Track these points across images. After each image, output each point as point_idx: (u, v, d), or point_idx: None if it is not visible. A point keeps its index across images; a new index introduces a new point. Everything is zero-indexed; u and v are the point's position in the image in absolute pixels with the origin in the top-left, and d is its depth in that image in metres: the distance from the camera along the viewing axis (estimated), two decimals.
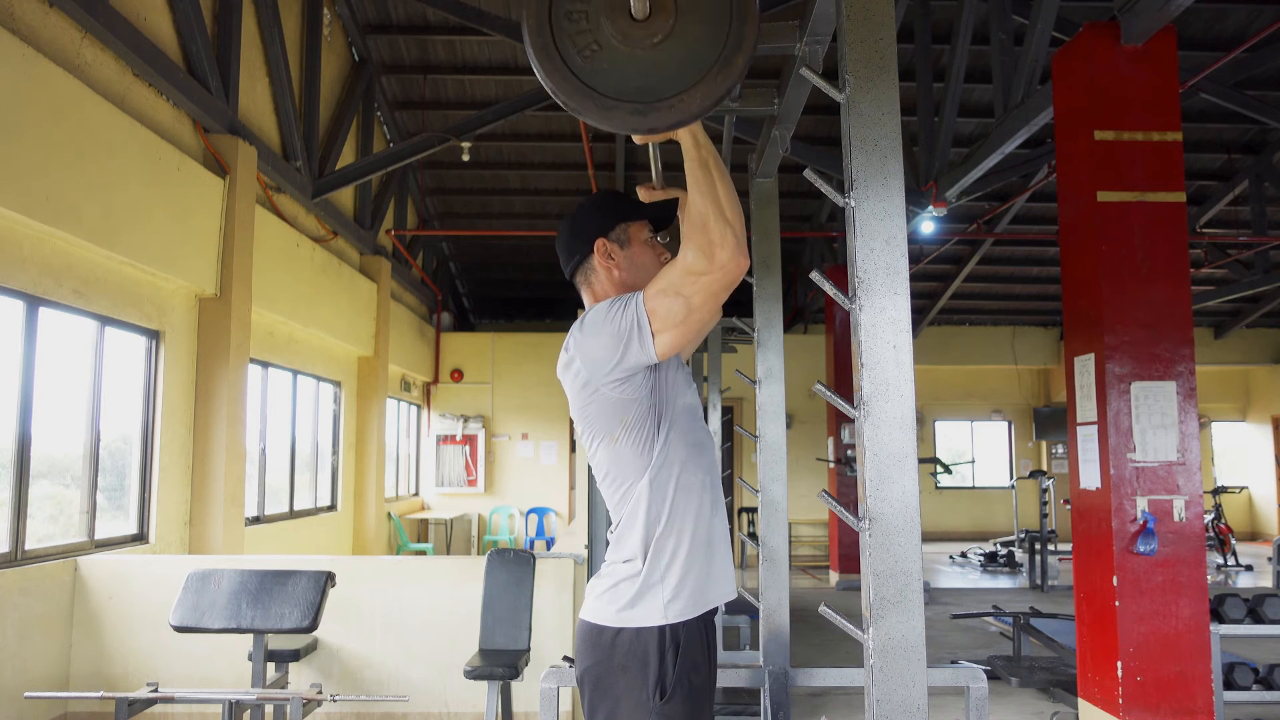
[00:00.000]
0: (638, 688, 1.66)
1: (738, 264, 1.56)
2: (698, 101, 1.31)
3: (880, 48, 1.47)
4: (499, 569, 4.15)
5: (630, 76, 1.31)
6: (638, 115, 1.30)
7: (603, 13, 1.31)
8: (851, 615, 1.48)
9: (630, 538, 1.73)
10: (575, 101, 1.30)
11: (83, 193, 4.49)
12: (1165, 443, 4.18)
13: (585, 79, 1.30)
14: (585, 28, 1.31)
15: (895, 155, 1.45)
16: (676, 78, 1.31)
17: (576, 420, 1.81)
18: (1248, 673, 4.53)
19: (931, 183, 7.12)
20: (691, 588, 1.71)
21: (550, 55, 1.30)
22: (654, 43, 1.31)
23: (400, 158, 8.02)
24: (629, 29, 1.30)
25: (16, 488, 4.29)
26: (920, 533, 1.41)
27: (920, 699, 1.37)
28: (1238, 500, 14.63)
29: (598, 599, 1.75)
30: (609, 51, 1.31)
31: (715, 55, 1.31)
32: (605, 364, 1.68)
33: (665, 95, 1.31)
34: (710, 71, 1.31)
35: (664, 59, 1.31)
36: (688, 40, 1.31)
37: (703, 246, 1.54)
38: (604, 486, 1.83)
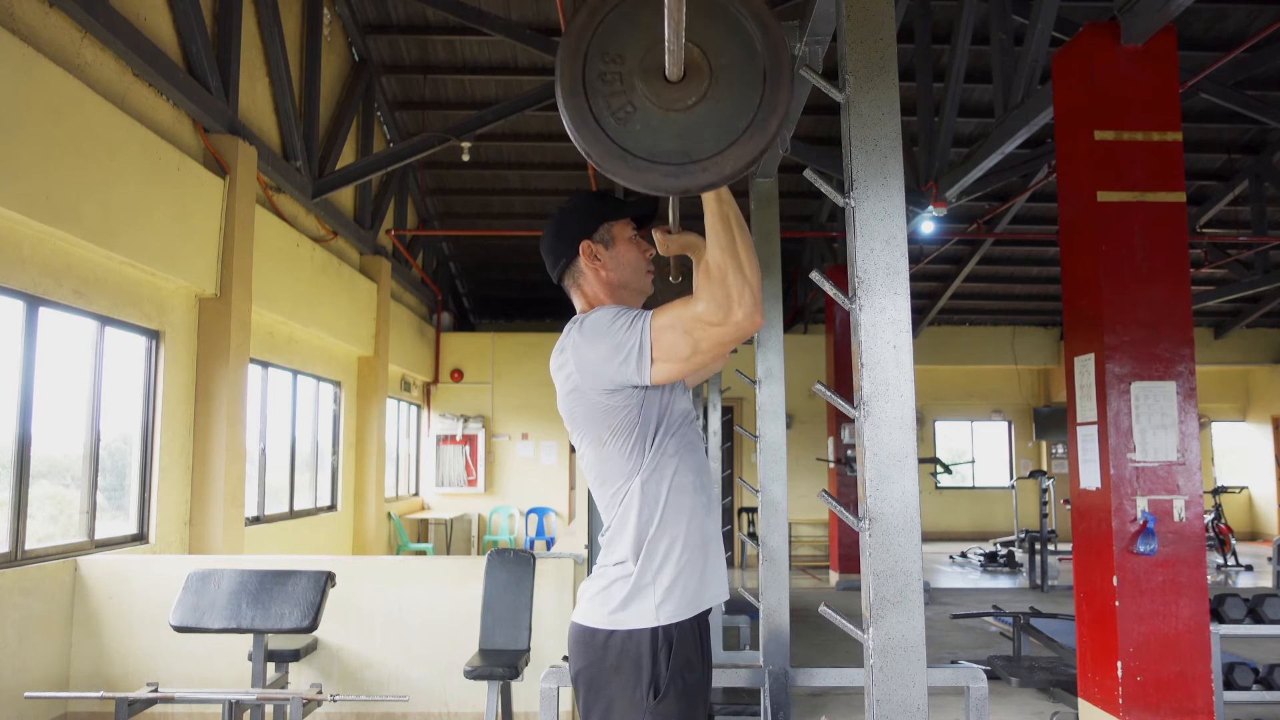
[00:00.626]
0: (631, 688, 1.66)
1: (753, 322, 1.55)
2: (731, 164, 1.31)
3: (880, 48, 1.47)
4: (499, 569, 4.15)
5: (664, 138, 1.31)
6: (671, 177, 1.30)
7: (637, 75, 1.31)
8: (851, 615, 1.48)
9: (622, 540, 1.73)
10: (609, 163, 1.30)
11: (82, 192, 4.49)
12: (1165, 443, 4.18)
13: (619, 140, 1.30)
14: (619, 89, 1.31)
15: (895, 155, 1.45)
16: (710, 140, 1.31)
17: (564, 419, 1.82)
18: (1248, 673, 4.53)
19: (931, 183, 7.12)
20: (683, 589, 1.71)
21: (584, 117, 1.30)
22: (688, 105, 1.31)
23: (400, 158, 8.02)
24: (663, 91, 1.30)
25: (16, 488, 4.29)
26: (920, 533, 1.41)
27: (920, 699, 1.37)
28: (1238, 500, 14.63)
29: (590, 601, 1.75)
30: (643, 113, 1.31)
31: (750, 118, 1.31)
32: (598, 374, 1.68)
33: (699, 157, 1.31)
34: (744, 134, 1.31)
35: (698, 121, 1.31)
36: (722, 103, 1.31)
37: (720, 301, 1.53)
38: (595, 488, 1.83)
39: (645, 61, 1.32)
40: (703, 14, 1.33)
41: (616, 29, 1.33)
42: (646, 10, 1.34)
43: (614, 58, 1.32)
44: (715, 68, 1.32)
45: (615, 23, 1.33)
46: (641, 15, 1.34)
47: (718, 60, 1.32)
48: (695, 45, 1.33)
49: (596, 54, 1.32)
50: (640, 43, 1.33)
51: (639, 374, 1.64)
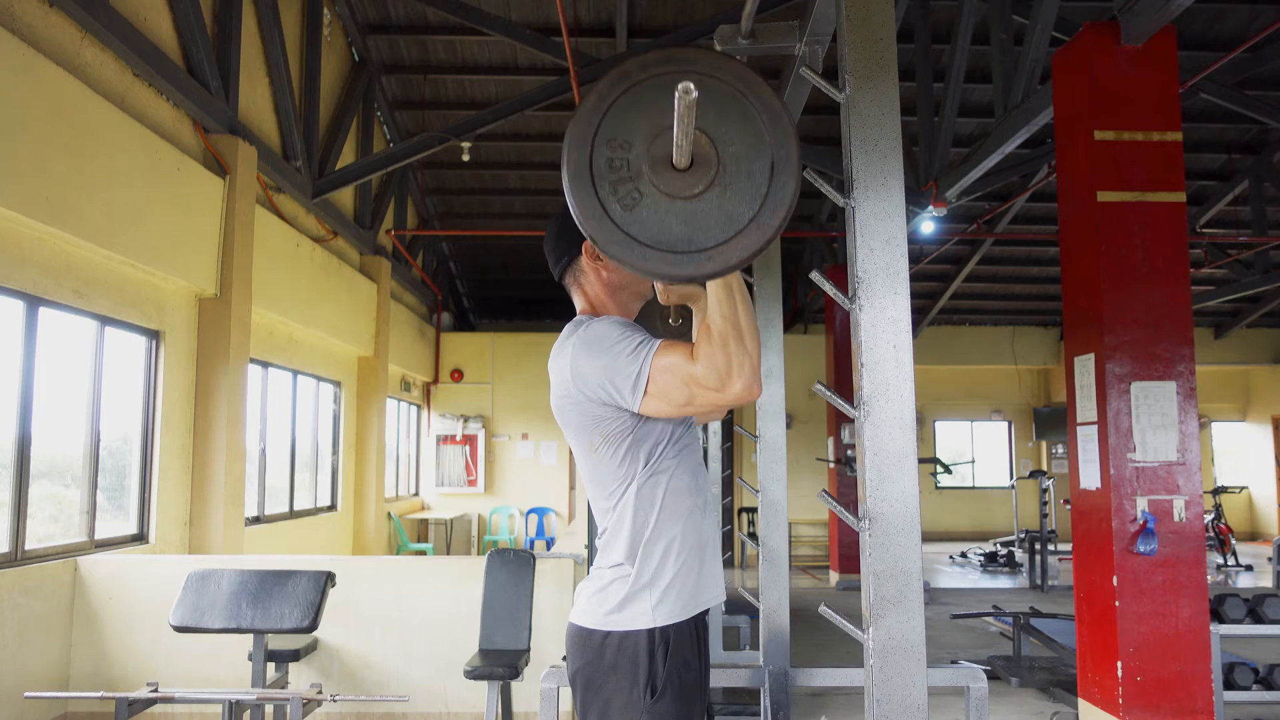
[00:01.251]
0: (628, 688, 1.67)
1: (750, 394, 1.56)
2: (737, 254, 1.30)
3: (880, 48, 1.47)
4: (499, 569, 4.15)
5: (670, 225, 1.30)
6: (676, 265, 1.29)
7: (644, 162, 1.30)
8: (851, 615, 1.47)
9: (619, 542, 1.74)
10: (614, 248, 1.29)
11: (83, 193, 4.49)
12: (1165, 443, 4.18)
13: (624, 227, 1.29)
14: (626, 176, 1.30)
15: (895, 155, 1.45)
16: (717, 229, 1.30)
17: (556, 418, 1.82)
18: (1248, 673, 4.53)
19: (931, 183, 7.12)
20: (680, 591, 1.71)
21: (590, 204, 1.29)
22: (695, 193, 1.30)
23: (400, 158, 8.02)
24: (670, 179, 1.29)
25: (16, 488, 4.29)
26: (920, 533, 1.41)
27: (920, 699, 1.37)
28: (1238, 500, 14.63)
29: (587, 601, 1.76)
30: (649, 200, 1.30)
31: (756, 209, 1.30)
32: (591, 387, 1.68)
33: (705, 246, 1.30)
34: (750, 225, 1.30)
35: (704, 209, 1.30)
36: (729, 192, 1.30)
37: (719, 369, 1.53)
38: (590, 491, 1.83)
39: (653, 148, 1.31)
40: (713, 102, 1.31)
41: (625, 115, 1.32)
42: (655, 95, 1.32)
43: (621, 144, 1.31)
44: (723, 156, 1.30)
45: (624, 108, 1.32)
46: (650, 100, 1.32)
47: (726, 149, 1.30)
48: (704, 133, 1.31)
49: (604, 140, 1.31)
50: (649, 129, 1.31)
51: (630, 401, 1.64)
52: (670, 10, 8.19)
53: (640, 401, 1.63)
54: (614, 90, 1.32)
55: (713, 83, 1.31)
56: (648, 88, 1.32)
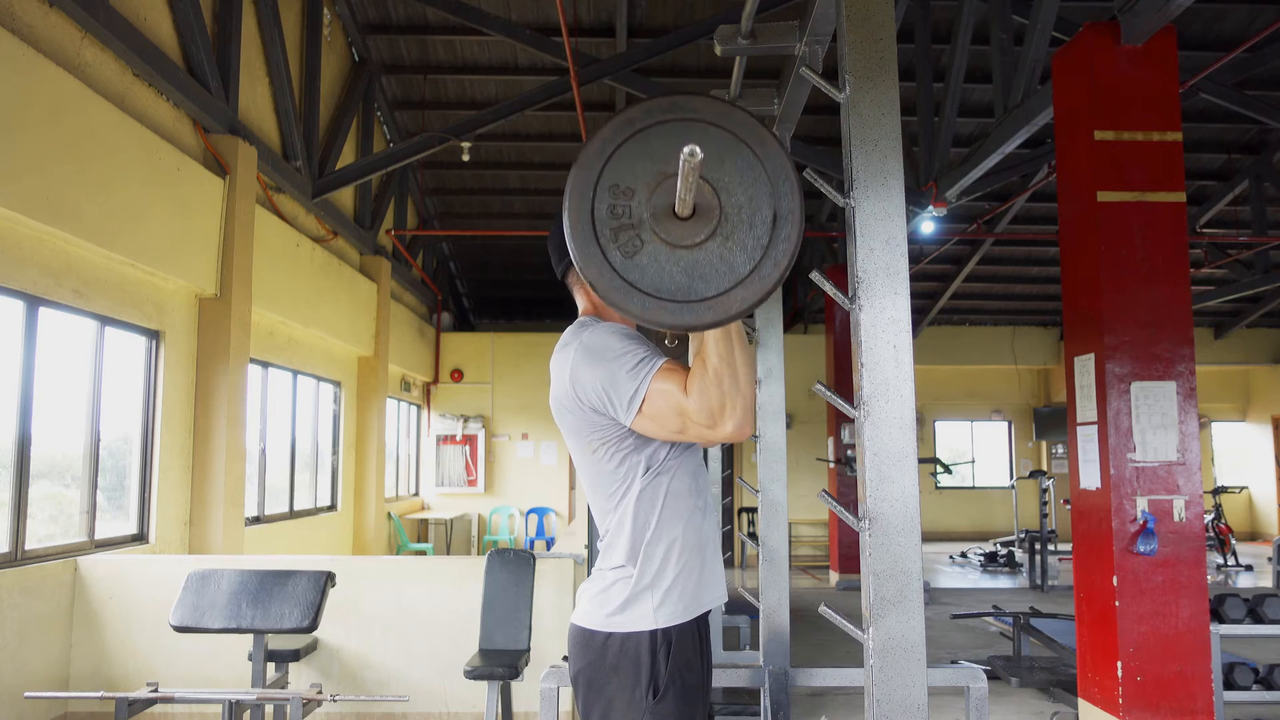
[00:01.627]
0: (630, 688, 1.67)
1: (740, 434, 1.57)
2: (737, 305, 1.30)
3: (880, 48, 1.47)
4: (499, 569, 4.15)
5: (670, 274, 1.30)
6: (676, 314, 1.29)
7: (646, 209, 1.30)
8: (851, 615, 1.48)
9: (620, 544, 1.74)
10: (615, 295, 1.29)
11: (83, 193, 4.49)
12: (1165, 443, 4.18)
13: (625, 274, 1.29)
14: (628, 223, 1.29)
15: (895, 155, 1.45)
16: (717, 279, 1.30)
17: (555, 418, 1.82)
18: (1248, 673, 4.53)
19: (931, 183, 7.12)
20: (681, 592, 1.71)
21: (591, 251, 1.29)
22: (696, 241, 1.30)
23: (400, 158, 8.02)
24: (672, 227, 1.29)
25: (16, 488, 4.29)
26: (920, 533, 1.41)
27: (920, 699, 1.37)
28: (1238, 500, 14.63)
29: (589, 603, 1.76)
30: (650, 248, 1.29)
31: (756, 260, 1.30)
32: (588, 395, 1.68)
33: (705, 295, 1.30)
34: (750, 276, 1.30)
35: (705, 258, 1.30)
36: (730, 242, 1.30)
37: (711, 407, 1.54)
38: (589, 493, 1.82)
39: (655, 196, 1.30)
40: (718, 151, 1.31)
41: (628, 162, 1.31)
42: (660, 142, 1.31)
43: (624, 191, 1.30)
44: (726, 205, 1.30)
45: (627, 155, 1.31)
46: (654, 147, 1.31)
47: (729, 198, 1.30)
48: (707, 182, 1.31)
49: (606, 187, 1.30)
50: (652, 176, 1.31)
51: (624, 418, 1.65)
52: (670, 10, 8.19)
53: (634, 420, 1.63)
54: (618, 136, 1.31)
55: (718, 132, 1.31)
56: (652, 134, 1.31)
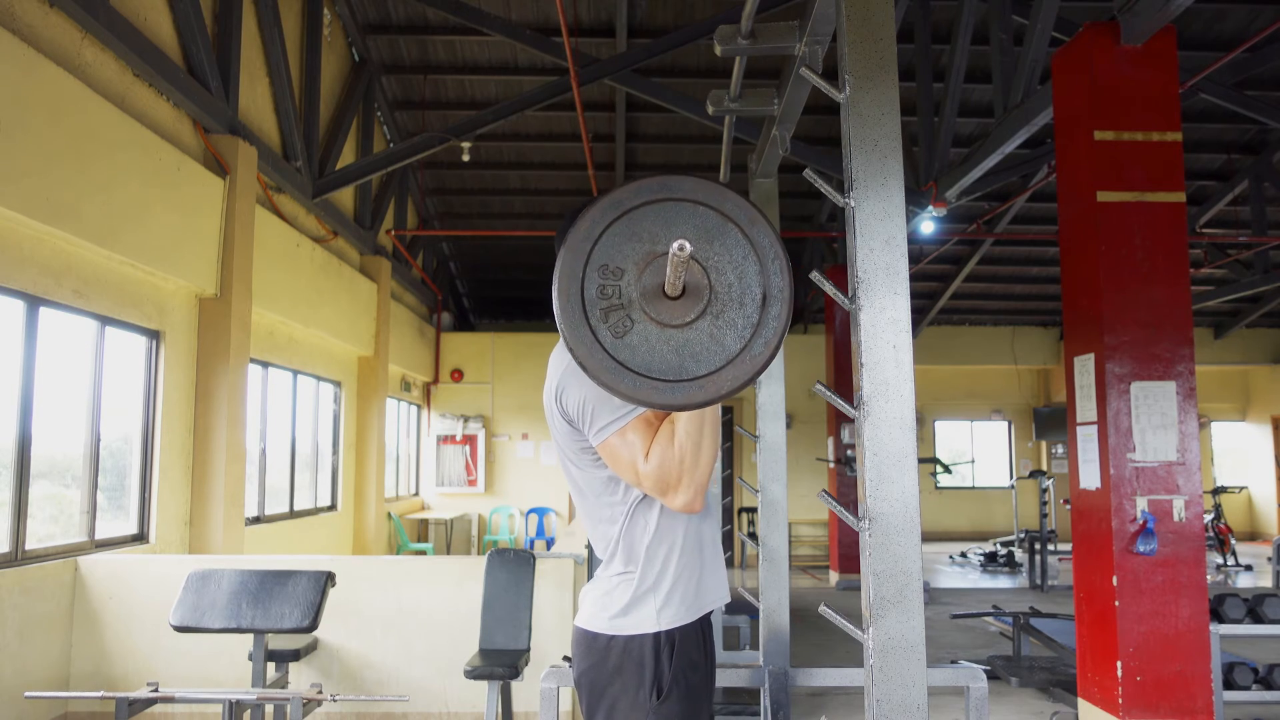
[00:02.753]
0: (634, 689, 1.67)
1: (687, 509, 1.64)
2: (727, 384, 1.31)
3: (880, 48, 1.47)
4: (499, 569, 4.15)
5: (660, 353, 1.30)
6: (666, 393, 1.30)
7: (635, 289, 1.31)
8: (851, 615, 1.48)
9: (620, 546, 1.74)
10: (605, 375, 1.29)
11: (83, 193, 4.49)
12: (1165, 443, 4.18)
13: (615, 354, 1.29)
14: (617, 304, 1.30)
15: (895, 155, 1.45)
16: (707, 358, 1.30)
17: (547, 416, 1.83)
18: (1248, 673, 4.54)
19: (931, 183, 7.12)
20: (683, 594, 1.72)
21: (580, 331, 1.29)
22: (686, 321, 1.30)
23: (400, 158, 8.02)
24: (661, 307, 1.30)
25: (17, 488, 4.29)
26: (920, 533, 1.41)
27: (920, 699, 1.38)
28: (1237, 500, 14.63)
29: (592, 605, 1.77)
30: (640, 328, 1.30)
31: (748, 337, 1.31)
32: (569, 408, 1.71)
33: (695, 374, 1.30)
34: (739, 356, 1.31)
35: (695, 337, 1.31)
36: (720, 321, 1.31)
37: (667, 479, 1.60)
38: (579, 497, 1.83)
39: (645, 276, 1.31)
40: (707, 231, 1.31)
41: (617, 243, 1.32)
42: (649, 222, 1.32)
43: (613, 271, 1.31)
44: (716, 285, 1.31)
45: (616, 236, 1.32)
46: (643, 227, 1.32)
47: (720, 278, 1.31)
48: (697, 261, 1.32)
49: (596, 268, 1.31)
50: (641, 256, 1.32)
51: (591, 439, 1.69)
52: (670, 10, 8.19)
53: (595, 446, 1.68)
54: (606, 218, 1.32)
55: (707, 211, 1.32)
56: (642, 215, 1.32)
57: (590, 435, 1.68)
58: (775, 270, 1.31)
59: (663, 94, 7.58)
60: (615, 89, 8.81)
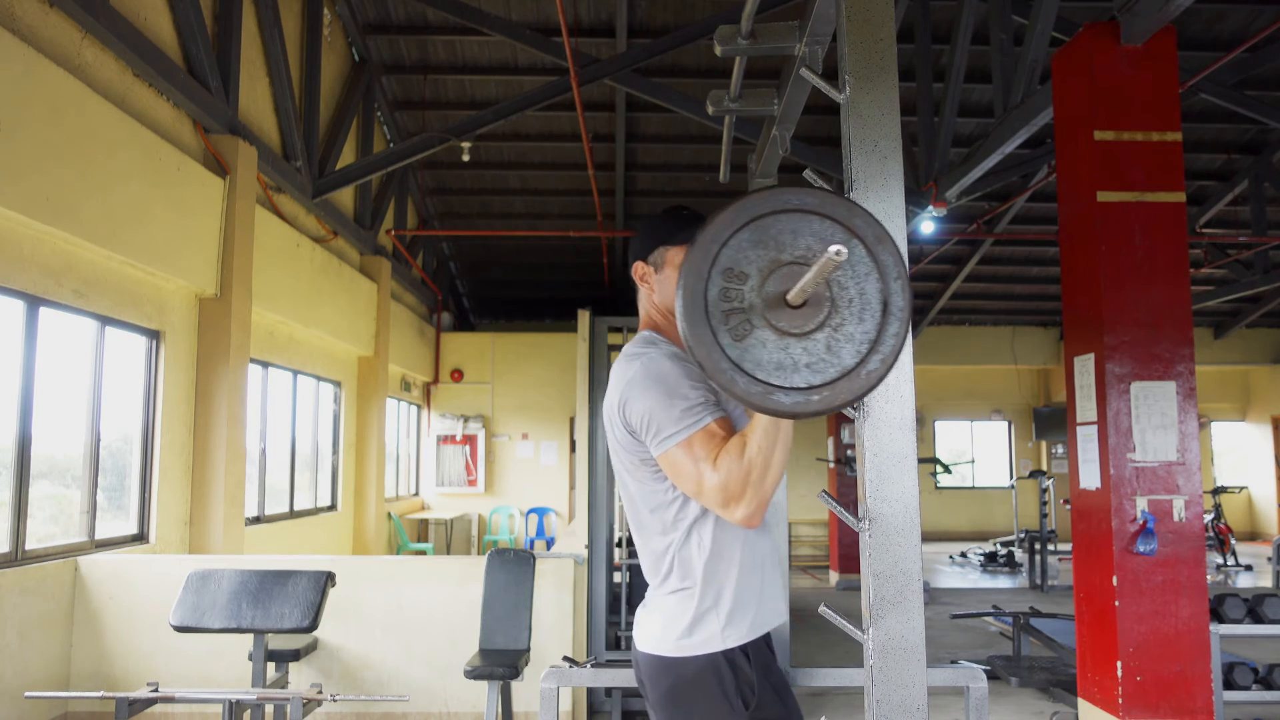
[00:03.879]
0: (719, 700, 1.65)
1: (747, 524, 1.59)
2: (841, 396, 1.30)
3: (880, 48, 1.47)
4: (499, 569, 4.15)
5: (777, 359, 1.31)
6: (780, 400, 1.29)
7: (757, 295, 1.31)
8: (851, 615, 1.48)
9: (678, 564, 1.71)
10: (721, 376, 1.29)
11: (83, 193, 4.49)
12: (1165, 443, 4.18)
13: (733, 356, 1.30)
14: (738, 307, 1.31)
15: (895, 155, 1.45)
16: (822, 368, 1.30)
17: (606, 426, 1.80)
18: (1248, 673, 4.53)
19: (931, 183, 7.12)
20: (744, 612, 1.69)
21: (702, 332, 1.30)
22: (805, 330, 1.31)
23: (400, 158, 8.02)
24: (781, 315, 1.30)
25: (17, 488, 4.29)
26: (920, 533, 1.41)
27: (920, 699, 1.38)
28: (1238, 500, 14.62)
29: (652, 627, 1.74)
30: (759, 333, 1.31)
31: (865, 352, 1.30)
32: (632, 419, 1.69)
33: (812, 384, 1.30)
34: (857, 368, 1.30)
35: (813, 348, 1.31)
36: (839, 333, 1.31)
37: (731, 491, 1.55)
38: (632, 511, 1.79)
39: (768, 284, 1.31)
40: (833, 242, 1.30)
41: (744, 248, 1.32)
42: (776, 230, 1.32)
43: (738, 275, 1.31)
44: (837, 298, 1.31)
45: (744, 241, 1.32)
46: (770, 235, 1.32)
47: (841, 292, 1.31)
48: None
49: (720, 270, 1.31)
50: (766, 263, 1.32)
51: (652, 450, 1.66)
52: (670, 10, 8.19)
53: (657, 457, 1.65)
54: (735, 222, 1.32)
55: (834, 226, 1.32)
56: (770, 223, 1.32)
57: (653, 446, 1.65)
58: (897, 289, 1.31)
59: (663, 94, 7.58)
60: (615, 89, 8.81)
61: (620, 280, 13.17)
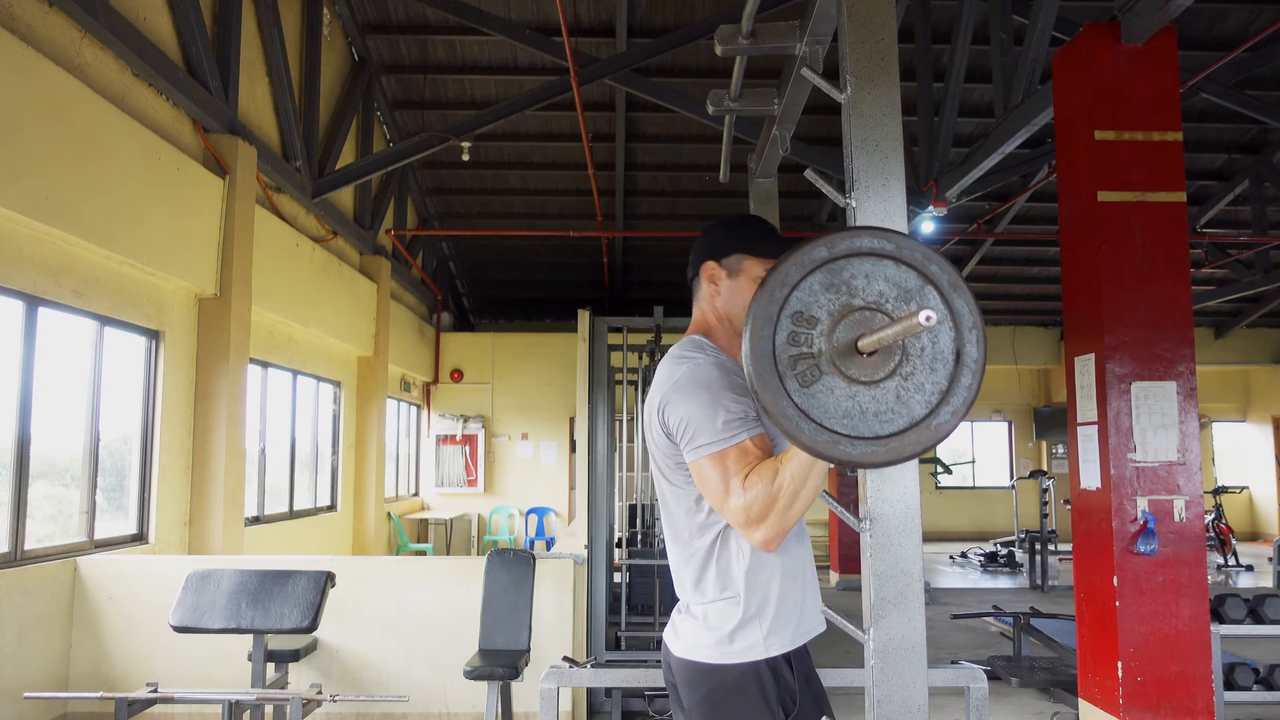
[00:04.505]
0: (760, 707, 1.64)
1: (763, 548, 1.57)
2: (910, 447, 1.27)
3: (880, 48, 1.47)
4: (499, 569, 4.14)
5: (845, 407, 1.28)
6: (846, 449, 1.27)
7: (827, 341, 1.28)
8: (851, 615, 1.47)
9: (719, 574, 1.70)
10: (786, 423, 1.26)
11: (82, 193, 4.49)
12: (1165, 443, 4.18)
13: (799, 402, 1.27)
14: (808, 353, 1.28)
15: (896, 155, 1.45)
16: (891, 418, 1.28)
17: (645, 427, 1.80)
18: (1248, 673, 4.53)
19: (931, 183, 7.12)
20: (785, 620, 1.68)
21: (769, 377, 1.27)
22: (874, 379, 1.28)
23: (400, 157, 8.01)
24: (851, 362, 1.28)
25: (16, 488, 4.29)
26: (921, 533, 1.41)
27: (920, 699, 1.37)
28: (1238, 500, 14.62)
29: (690, 634, 1.72)
30: (828, 380, 1.28)
31: (934, 403, 1.27)
32: (670, 422, 1.68)
33: (879, 434, 1.27)
34: (926, 419, 1.27)
35: (882, 396, 1.28)
36: (909, 383, 1.28)
37: (754, 514, 1.53)
38: (669, 518, 1.78)
39: (839, 330, 1.28)
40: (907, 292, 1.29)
41: (816, 292, 1.29)
42: (849, 274, 1.29)
43: (807, 319, 1.28)
44: (909, 347, 1.28)
45: (815, 285, 1.29)
46: (843, 279, 1.29)
47: (913, 341, 1.28)
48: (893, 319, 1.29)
49: (790, 314, 1.28)
50: (838, 308, 1.29)
51: (685, 455, 1.65)
52: (670, 10, 8.19)
53: (689, 463, 1.64)
54: (807, 265, 1.29)
55: (909, 271, 1.29)
56: (843, 266, 1.29)
57: (686, 452, 1.63)
58: (971, 340, 1.27)
59: (663, 94, 7.58)
60: (615, 89, 8.81)
61: (620, 280, 13.17)
